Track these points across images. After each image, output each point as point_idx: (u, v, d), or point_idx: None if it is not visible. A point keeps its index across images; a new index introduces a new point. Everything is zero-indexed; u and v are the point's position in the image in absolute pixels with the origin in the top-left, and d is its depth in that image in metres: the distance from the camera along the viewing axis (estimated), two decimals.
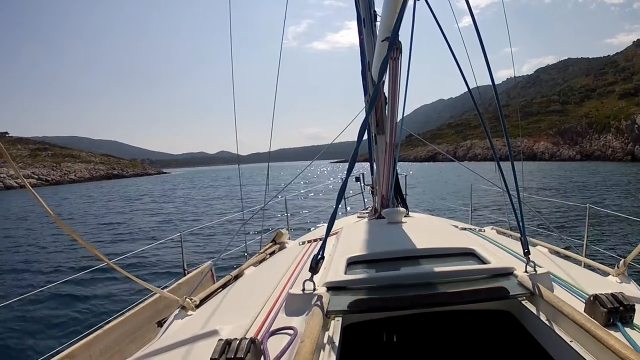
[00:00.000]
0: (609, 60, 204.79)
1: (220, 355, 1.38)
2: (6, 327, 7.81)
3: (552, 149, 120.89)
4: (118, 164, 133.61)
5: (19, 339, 7.41)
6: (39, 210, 32.11)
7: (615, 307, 1.59)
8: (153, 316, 3.65)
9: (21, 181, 1.86)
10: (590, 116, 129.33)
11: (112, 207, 34.74)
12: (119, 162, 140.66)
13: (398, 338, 2.17)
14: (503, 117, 2.20)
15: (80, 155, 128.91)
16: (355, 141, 2.07)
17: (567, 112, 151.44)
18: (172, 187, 57.94)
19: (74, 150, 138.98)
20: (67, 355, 2.91)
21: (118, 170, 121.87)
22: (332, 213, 2.10)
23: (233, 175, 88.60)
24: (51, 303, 9.07)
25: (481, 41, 2.03)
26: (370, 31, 4.49)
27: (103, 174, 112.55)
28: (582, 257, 3.36)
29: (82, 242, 2.05)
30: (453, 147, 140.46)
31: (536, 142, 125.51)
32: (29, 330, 7.75)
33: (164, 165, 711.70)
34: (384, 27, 2.59)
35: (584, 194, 27.29)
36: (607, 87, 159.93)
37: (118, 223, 23.19)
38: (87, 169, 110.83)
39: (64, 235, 17.75)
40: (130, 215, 27.65)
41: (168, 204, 35.27)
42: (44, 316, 8.41)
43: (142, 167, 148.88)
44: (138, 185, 70.07)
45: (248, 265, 3.52)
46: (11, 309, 8.19)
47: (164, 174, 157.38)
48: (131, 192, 54.30)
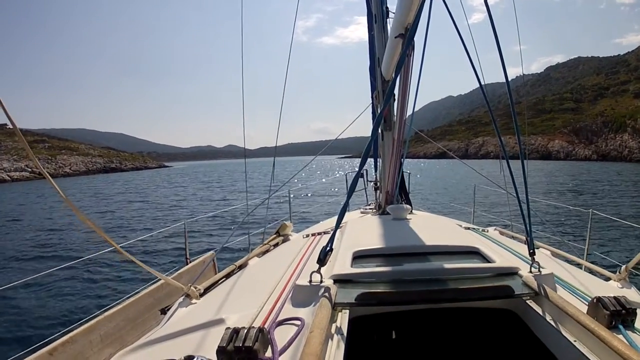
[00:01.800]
0: (621, 59, 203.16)
1: (228, 343, 1.39)
2: (8, 310, 7.90)
3: (567, 148, 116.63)
4: (118, 157, 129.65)
5: (20, 322, 7.45)
6: (35, 200, 34.00)
7: (617, 309, 1.61)
8: (154, 304, 3.67)
9: (39, 171, 1.92)
10: (605, 115, 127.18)
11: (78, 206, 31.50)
12: (119, 155, 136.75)
13: (403, 332, 2.22)
14: (515, 114, 2.14)
15: (78, 147, 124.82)
16: (366, 137, 2.12)
17: (581, 110, 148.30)
18: (154, 186, 50.99)
19: (72, 143, 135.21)
20: (68, 340, 2.90)
21: (116, 163, 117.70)
22: (343, 206, 2.09)
23: (238, 170, 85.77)
24: (54, 287, 9.15)
25: (497, 37, 2.00)
26: (381, 27, 4.53)
27: (100, 167, 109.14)
28: (583, 261, 3.31)
29: (93, 226, 2.06)
30: (465, 144, 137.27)
31: (550, 140, 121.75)
32: (30, 314, 7.82)
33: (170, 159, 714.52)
34: (398, 23, 2.63)
35: (600, 197, 26.28)
36: (620, 86, 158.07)
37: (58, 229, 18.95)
38: (83, 162, 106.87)
39: (62, 227, 18.69)
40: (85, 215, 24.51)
41: (133, 203, 30.33)
42: (45, 300, 8.49)
43: (142, 160, 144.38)
44: (127, 180, 65.28)
45: (252, 255, 3.50)
46: (14, 292, 8.37)
47: (165, 167, 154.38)
48: (111, 188, 49.29)
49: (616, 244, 12.53)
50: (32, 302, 8.35)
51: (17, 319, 7.53)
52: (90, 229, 2.25)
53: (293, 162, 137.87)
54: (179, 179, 66.53)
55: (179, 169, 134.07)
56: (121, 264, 10.33)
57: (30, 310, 7.94)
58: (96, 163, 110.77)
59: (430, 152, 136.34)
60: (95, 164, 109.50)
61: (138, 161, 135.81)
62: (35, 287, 8.96)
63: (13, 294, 8.38)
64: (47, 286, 9.13)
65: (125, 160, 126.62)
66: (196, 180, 61.29)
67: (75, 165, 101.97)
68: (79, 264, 8.12)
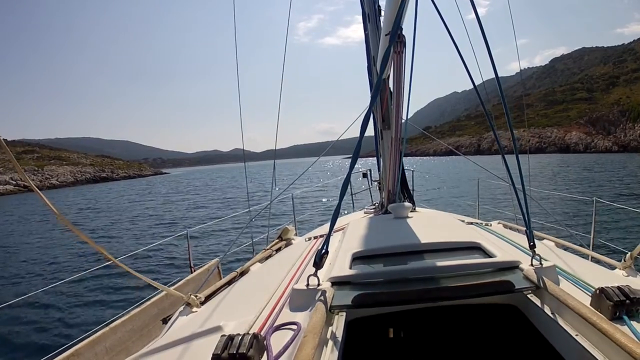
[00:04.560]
0: (627, 48, 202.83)
1: (223, 350, 1.40)
2: (12, 326, 7.99)
3: (585, 140, 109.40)
4: (111, 165, 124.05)
5: (25, 337, 7.56)
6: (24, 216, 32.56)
7: (621, 300, 1.59)
8: (159, 314, 3.65)
9: (29, 185, 1.90)
10: (622, 103, 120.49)
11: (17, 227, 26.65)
12: (113, 163, 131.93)
13: (403, 333, 2.22)
14: (507, 108, 2.17)
15: (69, 157, 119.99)
16: (371, 136, 2.18)
17: (594, 99, 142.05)
18: (130, 200, 43.70)
19: (64, 152, 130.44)
20: (73, 354, 2.90)
21: (107, 172, 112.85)
22: (336, 208, 2.05)
23: (237, 175, 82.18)
24: (57, 302, 9.23)
25: (483, 32, 2.02)
26: (374, 26, 4.57)
27: (89, 177, 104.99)
28: (588, 250, 3.34)
29: (88, 241, 2.06)
30: (476, 140, 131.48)
31: (567, 132, 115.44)
32: (34, 329, 7.89)
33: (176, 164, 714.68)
34: (388, 21, 2.65)
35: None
36: (632, 74, 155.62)
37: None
38: (72, 172, 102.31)
39: (63, 237, 18.78)
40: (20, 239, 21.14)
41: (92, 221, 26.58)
42: (49, 315, 8.57)
43: (137, 168, 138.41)
44: (107, 193, 59.30)
45: (254, 261, 3.52)
46: (16, 308, 8.42)
47: (163, 174, 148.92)
48: (83, 202, 44.10)
49: (624, 231, 12.42)
50: (36, 317, 8.41)
51: (22, 335, 7.64)
52: (85, 243, 2.04)
53: (300, 164, 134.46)
54: (162, 189, 59.93)
55: (174, 175, 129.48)
56: (124, 276, 10.21)
57: (34, 326, 7.99)
58: (85, 173, 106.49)
59: (440, 149, 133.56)
60: (84, 174, 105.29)
61: (133, 169, 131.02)
62: (38, 303, 9.01)
63: (17, 311, 8.47)
64: (50, 302, 9.18)
65: (119, 169, 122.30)
66: (199, 189, 54.56)
67: (62, 176, 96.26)
68: (83, 276, 8.08)
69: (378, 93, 3.70)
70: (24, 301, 6.37)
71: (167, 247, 13.04)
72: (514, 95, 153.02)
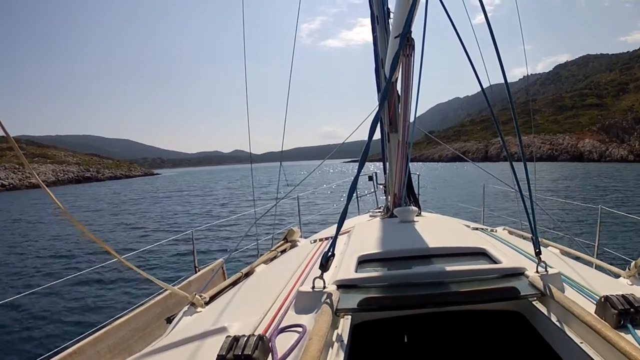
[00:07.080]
0: (633, 55, 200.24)
1: (228, 351, 1.39)
2: (15, 323, 7.96)
3: (600, 148, 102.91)
4: (99, 164, 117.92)
5: (28, 334, 7.51)
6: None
7: (626, 308, 1.59)
8: (162, 313, 3.63)
9: (36, 180, 1.63)
10: (635, 110, 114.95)
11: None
12: (101, 162, 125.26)
13: (408, 337, 2.21)
14: (515, 113, 2.17)
15: (55, 155, 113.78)
16: (375, 140, 2.12)
17: (605, 106, 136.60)
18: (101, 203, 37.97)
19: (51, 150, 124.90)
20: (75, 351, 2.90)
21: (92, 172, 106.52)
22: (342, 211, 2.06)
23: (233, 180, 77.95)
24: (60, 299, 9.17)
25: (493, 38, 2.02)
26: (383, 28, 4.55)
27: (72, 176, 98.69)
28: (593, 258, 3.29)
29: (94, 238, 2.07)
30: (484, 145, 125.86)
31: (580, 139, 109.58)
32: (38, 325, 7.87)
33: (175, 164, 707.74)
34: (397, 23, 2.66)
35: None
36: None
37: None
38: (54, 171, 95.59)
39: (69, 234, 18.40)
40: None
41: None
42: (52, 312, 8.52)
43: (127, 167, 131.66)
44: (77, 195, 51.09)
45: (259, 262, 3.51)
46: (20, 305, 8.41)
47: (154, 175, 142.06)
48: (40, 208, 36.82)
49: (629, 240, 12.43)
50: (39, 314, 8.37)
51: (24, 332, 7.61)
52: (92, 241, 2.21)
53: (303, 166, 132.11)
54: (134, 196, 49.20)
55: (167, 177, 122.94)
56: (129, 275, 10.20)
57: (37, 322, 7.99)
58: (68, 172, 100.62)
59: (446, 154, 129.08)
60: (67, 174, 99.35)
61: (121, 169, 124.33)
62: (42, 299, 8.97)
63: (19, 307, 8.46)
64: (53, 299, 9.14)
65: (105, 169, 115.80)
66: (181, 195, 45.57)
67: (44, 175, 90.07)
68: (87, 274, 8.15)
69: (387, 95, 3.78)
70: (27, 298, 6.81)
71: (170, 247, 13.01)
72: (518, 101, 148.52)
